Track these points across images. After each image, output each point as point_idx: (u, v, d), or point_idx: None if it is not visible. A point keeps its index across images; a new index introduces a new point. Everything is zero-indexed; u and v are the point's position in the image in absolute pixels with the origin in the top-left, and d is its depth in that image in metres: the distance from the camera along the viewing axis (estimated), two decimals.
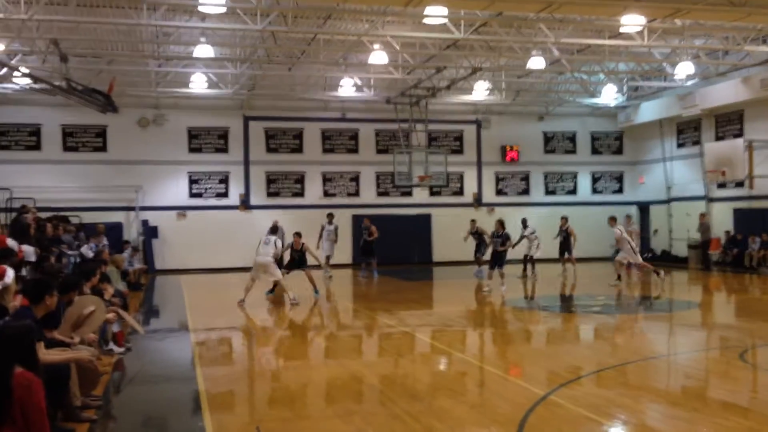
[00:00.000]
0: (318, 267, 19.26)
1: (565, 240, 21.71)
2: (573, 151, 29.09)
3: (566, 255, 21.79)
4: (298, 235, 17.41)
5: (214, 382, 8.33)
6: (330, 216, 22.86)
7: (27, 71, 20.14)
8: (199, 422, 6.57)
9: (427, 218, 27.27)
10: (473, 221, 22.51)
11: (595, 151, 29.30)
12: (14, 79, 21.07)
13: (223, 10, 16.38)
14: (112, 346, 9.75)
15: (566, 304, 16.30)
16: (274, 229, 16.86)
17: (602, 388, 8.01)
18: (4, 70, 20.27)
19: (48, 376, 5.63)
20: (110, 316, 9.06)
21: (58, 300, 7.32)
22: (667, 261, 26.01)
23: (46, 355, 5.89)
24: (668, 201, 27.14)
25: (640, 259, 18.95)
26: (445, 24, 17.27)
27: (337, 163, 26.97)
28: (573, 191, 29.06)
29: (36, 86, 20.21)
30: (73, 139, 24.66)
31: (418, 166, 24.89)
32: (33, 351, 4.80)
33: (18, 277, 8.40)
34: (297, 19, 17.64)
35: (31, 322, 5.06)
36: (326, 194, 26.83)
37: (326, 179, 26.92)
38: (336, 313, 15.70)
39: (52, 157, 24.29)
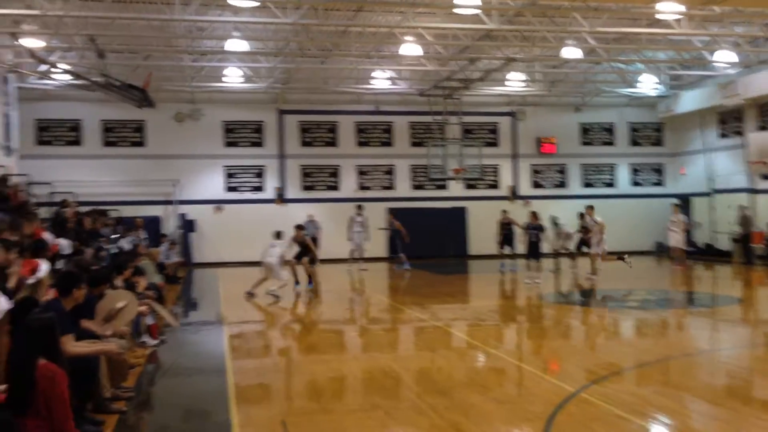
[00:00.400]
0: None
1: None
2: (611, 143, 28.61)
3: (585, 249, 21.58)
4: (299, 227, 17.69)
5: (244, 374, 8.39)
6: (359, 207, 22.95)
7: (66, 68, 20.52)
8: (226, 415, 6.62)
9: (462, 211, 27.10)
10: (504, 212, 22.37)
11: (634, 142, 28.77)
12: (54, 76, 21.45)
13: (256, 4, 16.43)
14: (145, 338, 9.89)
15: (602, 299, 16.04)
16: (278, 234, 17.01)
17: (637, 386, 7.86)
18: (45, 66, 20.66)
19: (76, 368, 5.71)
20: (143, 308, 9.17)
21: (89, 293, 7.43)
22: (710, 255, 25.46)
23: (75, 347, 5.97)
24: (710, 193, 26.53)
25: (601, 250, 18.48)
26: (477, 14, 17.09)
27: (371, 156, 26.95)
28: (611, 184, 28.59)
29: (75, 82, 20.57)
30: (113, 134, 25.05)
31: (453, 158, 24.75)
32: (56, 343, 4.86)
33: (53, 271, 8.54)
34: (328, 12, 17.63)
35: (54, 315, 5.13)
36: (361, 187, 26.84)
37: (361, 172, 26.92)
38: (368, 307, 15.68)
39: (92, 152, 24.70)
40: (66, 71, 20.38)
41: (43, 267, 7.26)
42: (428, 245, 24.95)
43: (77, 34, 18.11)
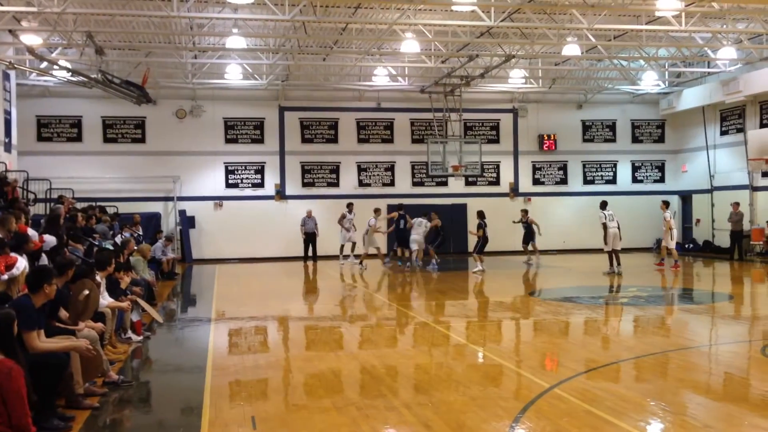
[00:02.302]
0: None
1: (528, 230, 22.85)
2: (612, 140, 28.51)
3: (530, 245, 22.90)
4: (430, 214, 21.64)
5: (223, 372, 8.41)
6: (350, 206, 23.20)
7: (66, 64, 20.63)
8: (196, 413, 6.65)
9: (462, 208, 27.06)
10: (524, 211, 23.19)
11: (635, 139, 28.66)
12: (54, 72, 21.56)
13: (253, 0, 16.45)
14: (130, 334, 9.94)
15: (593, 295, 16.00)
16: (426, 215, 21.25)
17: (610, 382, 7.85)
18: (44, 63, 20.77)
19: (44, 363, 5.76)
20: (125, 305, 9.23)
21: (67, 288, 7.48)
22: (708, 252, 25.36)
23: (44, 343, 6.02)
24: (711, 190, 26.41)
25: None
26: (476, 11, 17.06)
27: (372, 153, 26.96)
28: (612, 180, 28.49)
29: (74, 79, 20.69)
30: (113, 131, 25.16)
31: (453, 155, 24.72)
32: (11, 338, 4.89)
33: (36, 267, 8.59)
34: (327, 9, 17.64)
35: (11, 311, 5.17)
36: (361, 184, 26.87)
37: (361, 169, 26.94)
38: (358, 304, 15.69)
39: (93, 148, 24.83)
40: (65, 68, 20.48)
41: (21, 263, 7.30)
42: (428, 241, 24.89)
43: (76, 31, 18.20)
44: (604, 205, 19.67)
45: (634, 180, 28.64)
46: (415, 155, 26.73)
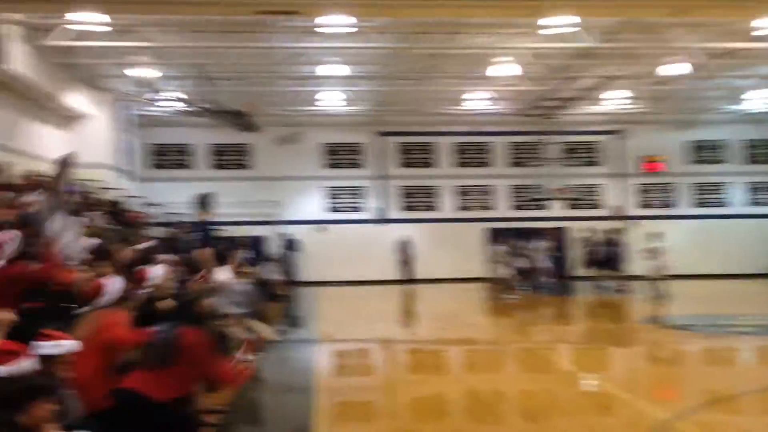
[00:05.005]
0: None
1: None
2: (723, 161, 27.31)
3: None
4: None
5: (331, 393, 8.53)
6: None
7: (177, 95, 21.68)
8: None
9: (562, 232, 26.50)
10: (609, 230, 21.93)
11: (750, 160, 27.33)
12: (167, 103, 22.68)
13: (352, 30, 16.81)
14: (240, 354, 10.20)
15: (710, 323, 15.28)
16: None
17: (734, 414, 7.47)
18: (158, 94, 21.89)
19: None
20: (234, 326, 9.50)
21: None
22: None
23: None
24: None
25: None
26: (574, 32, 16.81)
27: (469, 176, 26.89)
28: (723, 203, 27.25)
29: (185, 109, 21.68)
30: (220, 158, 26.18)
31: (553, 178, 24.36)
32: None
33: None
34: (423, 35, 17.81)
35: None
36: (460, 208, 26.80)
37: (459, 193, 26.91)
38: (462, 327, 15.55)
39: (202, 174, 25.85)
40: (177, 99, 21.52)
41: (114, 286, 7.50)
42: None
43: (187, 64, 19.09)
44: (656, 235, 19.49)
45: (749, 203, 27.26)
46: (513, 178, 26.48)
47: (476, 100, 24.53)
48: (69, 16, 14.37)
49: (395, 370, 10.71)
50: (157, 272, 7.93)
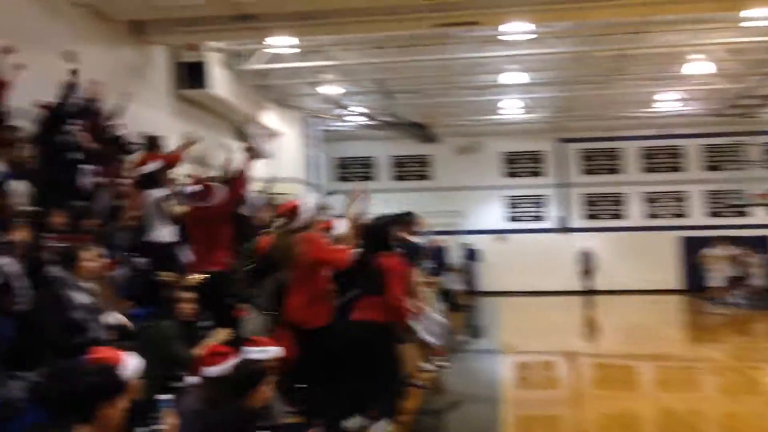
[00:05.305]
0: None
1: None
2: None
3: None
4: None
5: (516, 405, 8.41)
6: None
7: (360, 110, 22.51)
8: None
9: (764, 240, 24.34)
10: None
11: None
12: (350, 118, 23.63)
13: (531, 36, 16.56)
14: (426, 363, 10.33)
15: None
16: None
17: None
18: (342, 110, 22.85)
19: None
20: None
21: None
22: None
23: None
24: None
25: None
26: None
27: (659, 182, 25.48)
28: None
29: (368, 123, 22.46)
30: (401, 169, 26.80)
31: (755, 182, 22.48)
32: None
33: None
34: (606, 37, 17.16)
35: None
36: (648, 216, 25.47)
37: (648, 200, 25.58)
38: (652, 341, 14.70)
39: (384, 186, 26.55)
40: (360, 113, 22.34)
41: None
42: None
43: (369, 79, 19.77)
44: None
45: None
46: (708, 183, 24.74)
47: (666, 102, 23.25)
48: (266, 41, 15.40)
49: (582, 384, 10.36)
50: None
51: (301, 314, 5.93)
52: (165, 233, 7.37)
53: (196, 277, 6.35)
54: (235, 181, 7.31)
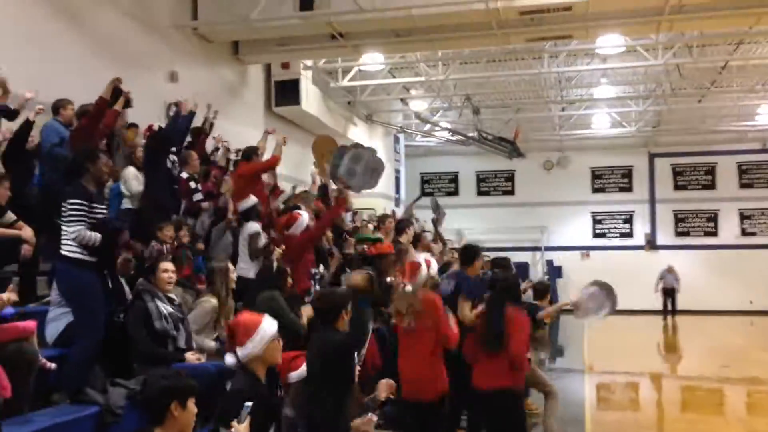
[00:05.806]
0: None
1: None
2: None
3: None
4: None
5: (603, 427, 8.34)
6: None
7: (446, 125, 22.65)
8: None
9: None
10: None
11: None
12: (436, 133, 23.78)
13: (623, 49, 16.33)
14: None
15: None
16: None
17: None
18: (428, 125, 23.04)
19: None
20: None
21: None
22: None
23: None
24: None
25: None
26: None
27: (757, 198, 24.53)
28: None
29: (453, 138, 22.55)
30: (485, 184, 26.77)
31: None
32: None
33: None
34: (703, 48, 16.75)
35: None
36: (744, 233, 24.53)
37: (744, 216, 24.65)
38: (742, 363, 14.18)
39: (468, 201, 26.60)
40: (446, 128, 22.48)
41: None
42: None
43: (455, 95, 19.91)
44: None
45: None
46: None
47: (763, 115, 22.40)
48: (357, 59, 15.77)
49: (668, 407, 10.14)
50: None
51: (419, 386, 5.55)
52: (249, 269, 7.52)
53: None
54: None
